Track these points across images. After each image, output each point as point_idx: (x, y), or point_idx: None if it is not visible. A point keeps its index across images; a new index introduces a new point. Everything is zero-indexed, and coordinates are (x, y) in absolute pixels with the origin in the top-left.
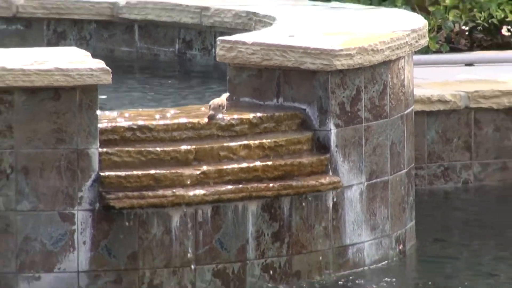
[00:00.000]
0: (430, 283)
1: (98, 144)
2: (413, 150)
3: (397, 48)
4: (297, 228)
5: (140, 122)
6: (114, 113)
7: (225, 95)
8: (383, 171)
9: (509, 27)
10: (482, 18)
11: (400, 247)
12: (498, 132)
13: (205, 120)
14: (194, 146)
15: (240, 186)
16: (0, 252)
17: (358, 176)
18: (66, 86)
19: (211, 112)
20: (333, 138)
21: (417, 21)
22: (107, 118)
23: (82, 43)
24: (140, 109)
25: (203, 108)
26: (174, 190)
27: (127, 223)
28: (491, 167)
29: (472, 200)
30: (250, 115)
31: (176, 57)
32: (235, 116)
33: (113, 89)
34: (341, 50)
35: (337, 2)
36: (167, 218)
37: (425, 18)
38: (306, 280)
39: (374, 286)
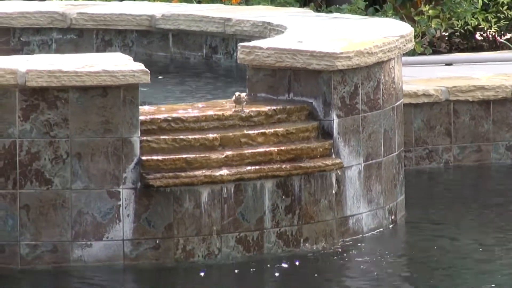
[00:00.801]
0: (417, 246)
1: (139, 133)
2: (402, 136)
3: (388, 51)
4: (306, 202)
5: (174, 115)
6: (153, 107)
7: (244, 94)
8: (378, 153)
9: (481, 33)
10: (459, 26)
11: (392, 217)
12: (473, 120)
13: (232, 109)
14: (219, 134)
15: (258, 167)
16: (58, 224)
17: (357, 158)
18: (112, 85)
19: (236, 98)
20: (335, 126)
21: (404, 28)
22: (146, 112)
23: (125, 49)
24: (174, 104)
25: (227, 103)
26: (203, 171)
27: (163, 199)
28: (467, 149)
29: (452, 178)
30: (266, 108)
31: (203, 60)
32: (254, 109)
33: (151, 87)
34: (342, 53)
35: (338, 13)
36: (197, 195)
37: (412, 26)
38: (314, 246)
39: (371, 250)
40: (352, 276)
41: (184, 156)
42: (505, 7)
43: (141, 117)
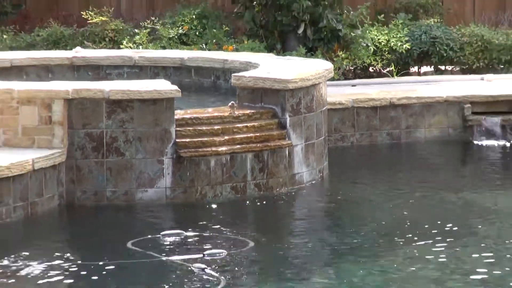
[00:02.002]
0: (337, 190)
1: (175, 126)
2: (326, 127)
3: (319, 78)
4: (271, 165)
5: (195, 115)
6: (182, 111)
7: (235, 102)
8: (312, 137)
9: (373, 67)
10: (359, 63)
11: (321, 174)
12: (367, 118)
13: (228, 112)
14: (221, 126)
15: (243, 145)
16: (128, 179)
17: (300, 140)
18: (159, 98)
19: (230, 105)
20: (288, 122)
21: (328, 65)
22: (179, 113)
23: (166, 78)
24: (194, 109)
25: (225, 108)
26: (211, 148)
27: (189, 164)
28: (364, 135)
29: (356, 152)
30: (248, 111)
31: (212, 84)
32: (241, 112)
33: (182, 100)
34: (292, 79)
35: (290, 56)
36: (209, 161)
37: (332, 63)
38: (276, 191)
39: (310, 193)
40: (299, 207)
41: (200, 139)
42: (386, 52)
43: (176, 117)
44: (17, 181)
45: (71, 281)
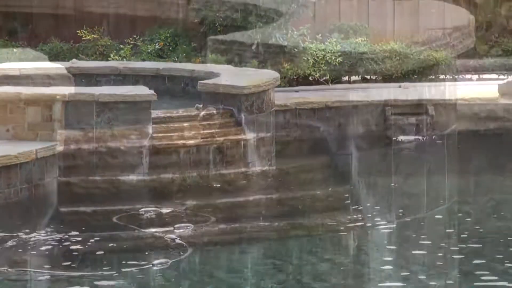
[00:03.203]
0: (285, 171)
1: (151, 123)
2: (274, 125)
3: (268, 85)
4: (229, 155)
5: (168, 114)
6: (158, 111)
7: (201, 105)
8: (263, 132)
9: (312, 77)
10: (302, 73)
11: (269, 163)
12: (307, 117)
13: (195, 112)
14: (189, 124)
15: (207, 139)
16: (113, 165)
17: (253, 135)
18: (139, 100)
19: (196, 107)
20: (244, 120)
21: (276, 74)
22: (154, 113)
23: (145, 84)
24: (168, 110)
25: (193, 109)
26: (182, 141)
27: (162, 153)
28: (305, 131)
29: (298, 145)
30: (211, 111)
31: (182, 89)
32: (205, 112)
33: (157, 102)
34: (246, 86)
35: (245, 67)
36: (179, 152)
37: (279, 73)
38: (233, 173)
39: (262, 175)
40: (251, 188)
41: (172, 134)
42: (323, 65)
43: (152, 115)
44: (23, 167)
45: (68, 248)
